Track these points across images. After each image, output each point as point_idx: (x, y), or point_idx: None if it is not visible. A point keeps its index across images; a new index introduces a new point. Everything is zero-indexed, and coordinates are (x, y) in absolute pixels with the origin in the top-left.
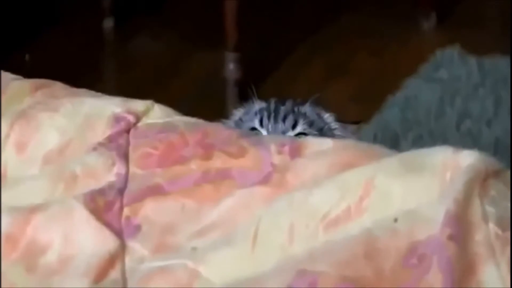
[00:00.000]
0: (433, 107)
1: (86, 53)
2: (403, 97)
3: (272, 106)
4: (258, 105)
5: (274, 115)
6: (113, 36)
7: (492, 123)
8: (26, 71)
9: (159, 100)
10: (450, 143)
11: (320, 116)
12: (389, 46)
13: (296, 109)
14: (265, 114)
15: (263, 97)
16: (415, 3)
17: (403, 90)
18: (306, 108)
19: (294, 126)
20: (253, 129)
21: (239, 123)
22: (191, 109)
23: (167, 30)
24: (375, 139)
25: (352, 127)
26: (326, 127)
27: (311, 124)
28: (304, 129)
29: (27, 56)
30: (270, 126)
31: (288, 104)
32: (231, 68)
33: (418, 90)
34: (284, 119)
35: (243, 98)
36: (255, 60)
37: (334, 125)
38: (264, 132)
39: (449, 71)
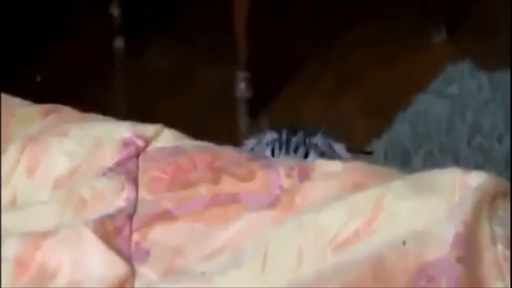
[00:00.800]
0: (444, 123)
1: (96, 70)
2: (413, 112)
3: (284, 136)
4: (269, 135)
5: (285, 146)
6: (123, 53)
7: (503, 138)
8: (37, 91)
9: (169, 116)
10: (461, 159)
11: (331, 147)
12: (399, 59)
13: (307, 140)
14: (277, 145)
15: (274, 113)
16: (425, 16)
17: (414, 105)
18: (318, 139)
19: (305, 157)
20: None
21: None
22: (201, 126)
23: (176, 47)
24: (386, 156)
25: (364, 157)
26: (337, 157)
27: (322, 155)
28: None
29: (38, 77)
30: (281, 157)
31: (300, 134)
32: (242, 87)
33: (428, 105)
34: (295, 150)
35: (254, 116)
36: (265, 76)
37: (346, 155)
38: None
39: (460, 85)
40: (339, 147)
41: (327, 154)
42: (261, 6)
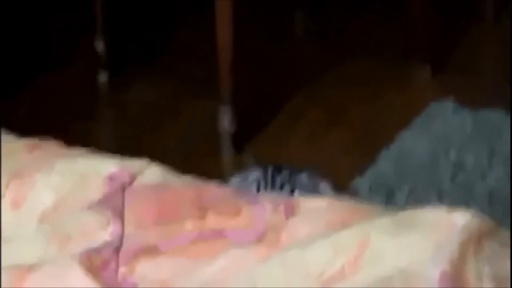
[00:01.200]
0: (427, 159)
1: (81, 104)
2: (397, 149)
3: (269, 174)
4: (255, 172)
5: (271, 183)
6: (108, 87)
7: (486, 175)
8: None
9: (153, 150)
10: (445, 196)
11: (316, 186)
12: (384, 96)
13: (292, 178)
14: (262, 182)
15: (259, 148)
16: (410, 54)
17: (397, 142)
18: (303, 177)
19: (290, 195)
20: None
21: None
22: (185, 158)
23: (161, 82)
24: (370, 192)
25: (348, 195)
26: (323, 196)
27: (307, 193)
28: None
29: (21, 109)
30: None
31: (285, 172)
32: (226, 122)
33: (412, 142)
34: (281, 188)
35: (238, 148)
36: (249, 109)
37: (330, 194)
38: None
39: (443, 123)
40: (324, 186)
41: (312, 192)
42: (247, 41)
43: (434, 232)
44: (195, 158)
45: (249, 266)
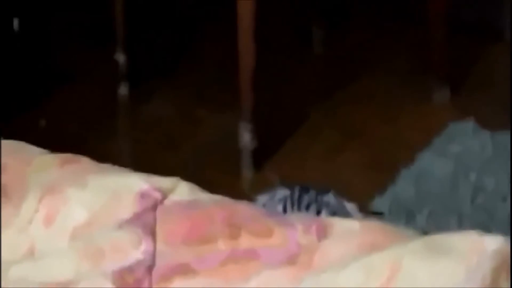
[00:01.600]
0: (447, 181)
1: (100, 116)
2: (416, 170)
3: (296, 194)
4: (281, 192)
5: (297, 203)
6: (128, 100)
7: (507, 197)
8: (41, 137)
9: (172, 165)
10: (465, 218)
11: (343, 206)
12: (402, 115)
13: (319, 198)
14: (289, 201)
15: (277, 165)
16: (429, 73)
17: (416, 163)
18: (329, 198)
19: (317, 215)
20: None
21: None
22: (203, 174)
23: (181, 95)
24: (389, 213)
25: (374, 217)
26: (349, 217)
27: (334, 213)
28: None
29: (42, 121)
30: (293, 213)
31: (312, 192)
32: (247, 138)
33: (431, 163)
34: (307, 208)
35: (257, 168)
36: (268, 126)
37: (357, 215)
38: None
39: (463, 144)
40: (351, 207)
41: (339, 213)
42: (266, 58)
43: (467, 258)
44: (215, 173)
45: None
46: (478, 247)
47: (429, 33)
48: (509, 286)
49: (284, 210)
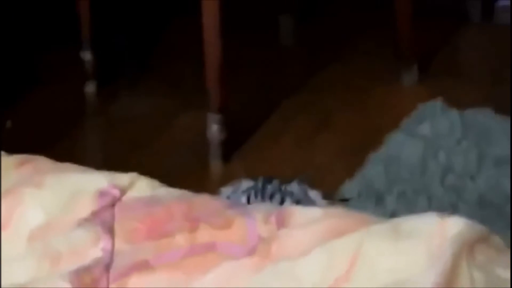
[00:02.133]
0: (417, 163)
1: (69, 117)
2: (385, 153)
3: (260, 184)
4: (245, 183)
5: (261, 193)
6: (96, 99)
7: (476, 177)
8: (7, 138)
9: (143, 160)
10: (435, 199)
11: (306, 194)
12: (371, 100)
13: (283, 187)
14: (253, 192)
15: (247, 156)
16: (397, 57)
17: (386, 145)
18: (293, 187)
19: (281, 204)
20: None
21: None
22: (174, 169)
23: (150, 92)
24: (359, 196)
25: (339, 203)
26: (313, 205)
27: (298, 202)
28: None
29: (9, 122)
30: (257, 204)
31: (275, 182)
32: (215, 129)
33: (400, 146)
34: (271, 197)
35: (227, 157)
36: (238, 118)
37: (321, 202)
38: None
39: (432, 125)
40: (315, 194)
41: (303, 201)
42: (233, 49)
43: (427, 241)
44: (185, 168)
45: (241, 279)
46: (439, 231)
47: (396, 15)
48: (468, 270)
49: (248, 201)
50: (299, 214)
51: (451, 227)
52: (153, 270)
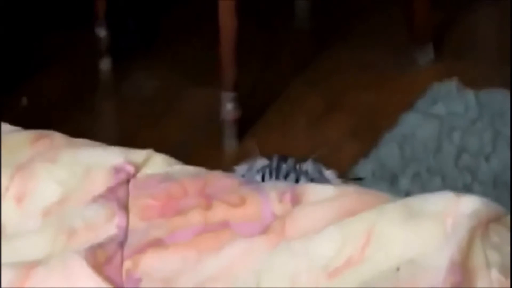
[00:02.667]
0: (431, 143)
1: (83, 94)
2: (400, 133)
3: (274, 163)
4: (260, 162)
5: (276, 172)
6: (110, 76)
7: (490, 158)
8: (23, 114)
9: (156, 138)
10: (449, 179)
11: (321, 174)
12: (385, 79)
13: (298, 166)
14: (267, 171)
15: (260, 135)
16: (412, 36)
17: (400, 125)
18: (308, 166)
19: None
20: None
21: None
22: (187, 147)
23: (163, 69)
24: (373, 176)
25: (354, 183)
26: (328, 184)
27: (312, 181)
28: None
29: (24, 99)
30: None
31: (290, 161)
32: (229, 108)
33: (415, 125)
34: (286, 177)
35: (240, 136)
36: (249, 97)
37: (336, 182)
38: None
39: (446, 105)
40: (329, 174)
41: (317, 180)
42: (249, 28)
43: (442, 219)
44: (198, 146)
45: (255, 257)
46: (453, 209)
47: None
48: (483, 249)
49: (263, 180)
50: (313, 192)
51: (466, 205)
52: (166, 248)
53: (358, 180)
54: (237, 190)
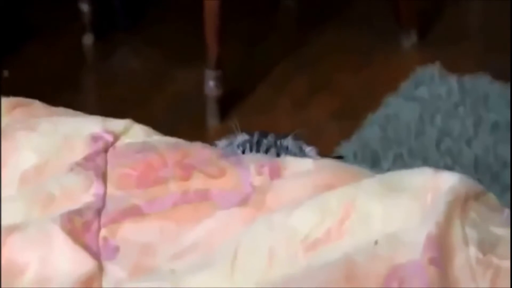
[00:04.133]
0: (413, 126)
1: (66, 69)
2: (383, 115)
3: (255, 139)
4: (241, 137)
5: (256, 147)
6: (93, 52)
7: (472, 142)
8: (4, 87)
9: (139, 116)
10: (430, 162)
11: (302, 150)
12: (370, 63)
13: (278, 142)
14: (248, 146)
15: (244, 114)
16: (396, 21)
17: (383, 108)
18: (289, 142)
19: None
20: None
21: None
22: (171, 126)
23: (147, 47)
24: (355, 157)
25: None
26: None
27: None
28: None
29: (5, 72)
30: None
31: (271, 137)
32: (211, 86)
33: (398, 108)
34: (266, 152)
35: (224, 115)
36: (236, 76)
37: (317, 158)
38: None
39: (430, 89)
40: (310, 150)
41: (298, 156)
42: (236, 10)
43: (421, 195)
44: (180, 124)
45: (233, 229)
46: (432, 184)
47: None
48: (461, 225)
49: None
50: (292, 165)
51: (445, 181)
52: (143, 217)
53: (338, 158)
54: (216, 162)
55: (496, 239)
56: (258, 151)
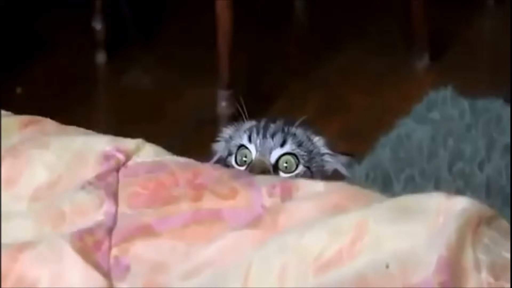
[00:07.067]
0: (425, 148)
1: (78, 86)
2: (395, 137)
3: (262, 123)
4: (248, 123)
5: (263, 132)
6: (105, 70)
7: (484, 165)
8: (17, 104)
9: (151, 135)
10: (442, 184)
11: (310, 139)
12: (382, 85)
13: (286, 128)
14: (254, 130)
15: None
16: (409, 43)
17: (396, 130)
18: (297, 129)
19: (282, 145)
20: (242, 146)
21: (228, 141)
22: (182, 145)
23: (159, 64)
24: (367, 179)
25: (342, 157)
26: (315, 150)
27: (300, 144)
28: (293, 149)
29: (18, 89)
30: (258, 142)
31: (279, 122)
32: (224, 106)
33: (410, 130)
34: (273, 136)
35: None
36: (248, 95)
37: (324, 149)
38: (252, 148)
39: (442, 111)
40: (318, 140)
41: (305, 144)
42: (246, 28)
43: (433, 218)
44: (192, 143)
45: (245, 250)
46: (445, 207)
47: (410, 1)
48: (473, 249)
49: (249, 139)
50: (304, 186)
51: (457, 204)
52: (156, 235)
53: (347, 155)
54: (227, 183)
55: (508, 264)
56: (264, 135)
